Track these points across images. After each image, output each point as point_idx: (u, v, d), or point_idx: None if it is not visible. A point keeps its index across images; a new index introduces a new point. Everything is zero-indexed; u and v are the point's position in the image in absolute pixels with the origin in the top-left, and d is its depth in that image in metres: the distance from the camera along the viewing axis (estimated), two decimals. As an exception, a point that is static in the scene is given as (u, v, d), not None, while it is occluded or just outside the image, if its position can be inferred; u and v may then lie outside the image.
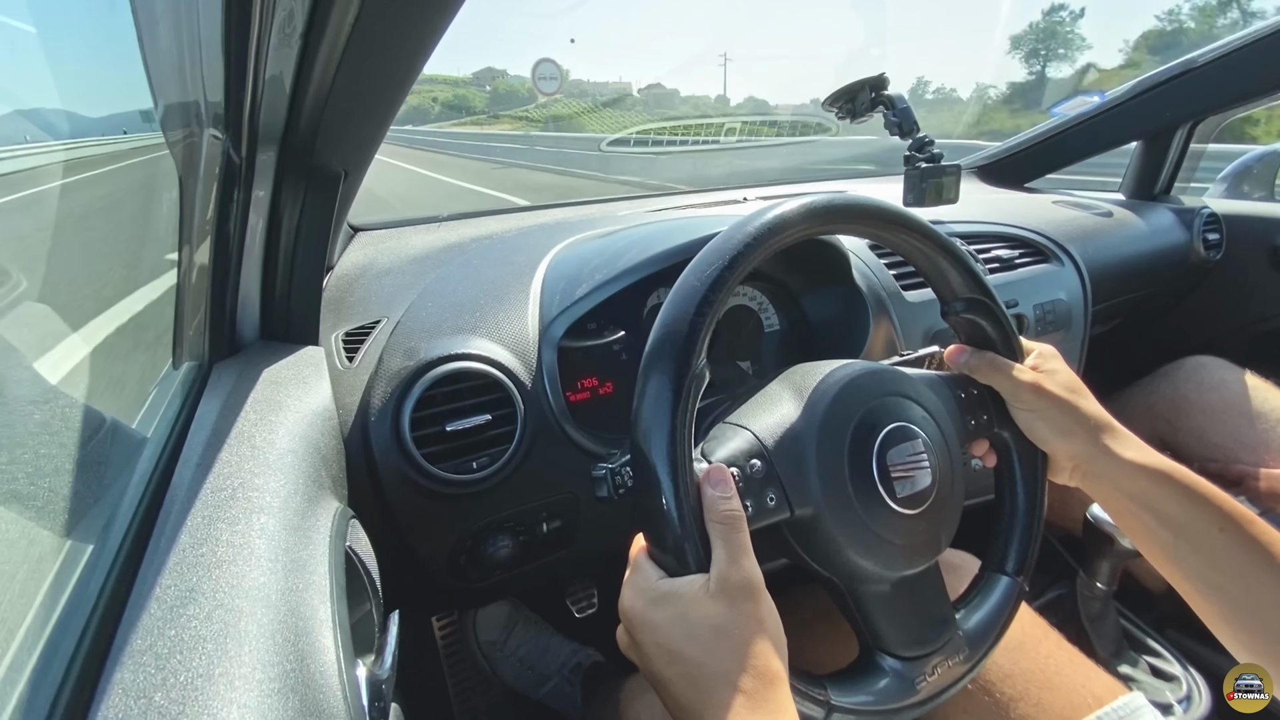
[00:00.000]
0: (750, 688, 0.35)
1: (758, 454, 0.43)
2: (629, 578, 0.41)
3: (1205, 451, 0.98)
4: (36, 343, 0.48)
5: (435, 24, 0.44)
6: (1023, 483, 0.53)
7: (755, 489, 0.42)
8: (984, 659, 0.48)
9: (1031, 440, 0.51)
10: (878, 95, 0.91)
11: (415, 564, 0.65)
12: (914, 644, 0.45)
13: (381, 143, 0.59)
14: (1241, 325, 1.32)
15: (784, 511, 0.43)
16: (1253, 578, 0.43)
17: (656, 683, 0.38)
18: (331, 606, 0.36)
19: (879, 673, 0.44)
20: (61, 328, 0.52)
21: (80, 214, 0.61)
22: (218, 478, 0.39)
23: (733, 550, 0.38)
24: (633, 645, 0.40)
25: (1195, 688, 0.79)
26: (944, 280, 0.52)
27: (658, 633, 0.37)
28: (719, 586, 0.37)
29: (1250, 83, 1.13)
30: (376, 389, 0.61)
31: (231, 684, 0.28)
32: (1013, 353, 0.52)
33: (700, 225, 0.74)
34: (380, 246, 0.86)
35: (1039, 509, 0.52)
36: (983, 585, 0.51)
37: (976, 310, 0.52)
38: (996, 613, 0.49)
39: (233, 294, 0.54)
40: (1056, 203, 1.26)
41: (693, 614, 0.37)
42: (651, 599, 0.38)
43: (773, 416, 0.46)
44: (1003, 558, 0.52)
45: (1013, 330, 0.53)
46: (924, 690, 0.44)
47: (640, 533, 0.41)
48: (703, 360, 0.40)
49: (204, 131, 0.48)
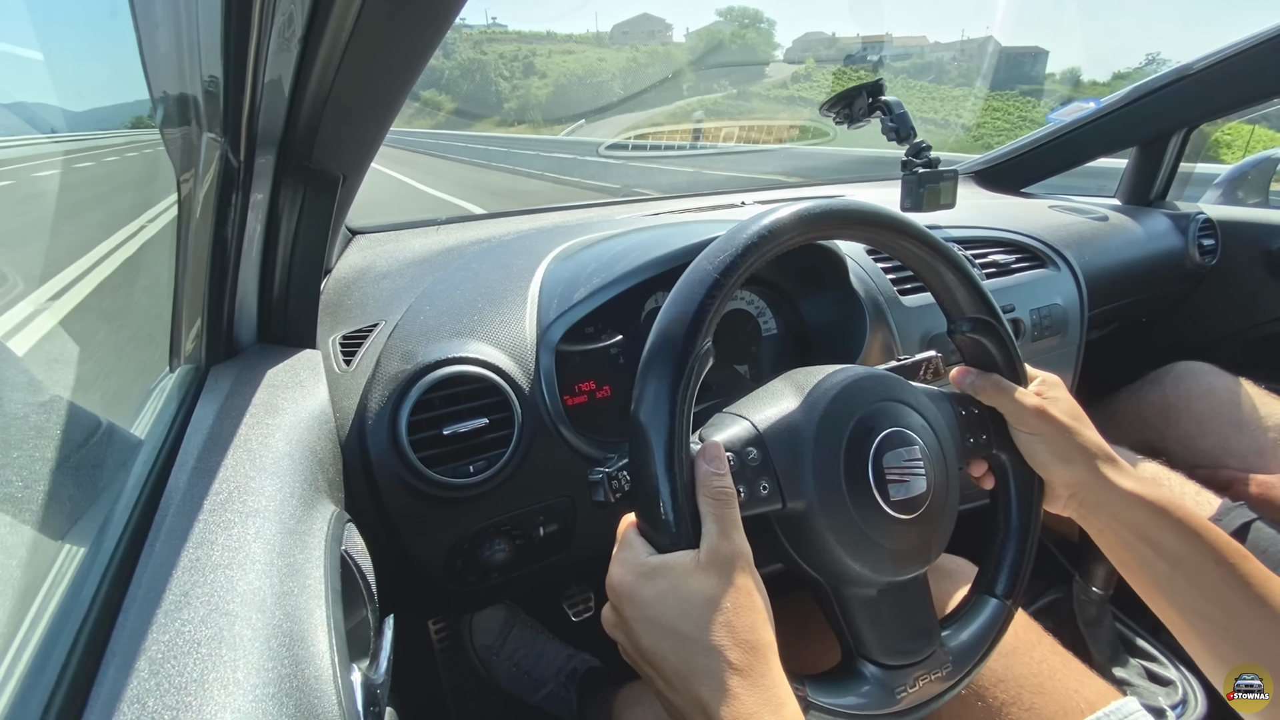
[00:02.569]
0: (741, 660, 0.35)
1: (754, 442, 0.43)
2: (617, 554, 0.40)
3: (1194, 458, 0.98)
4: (30, 343, 0.48)
5: (434, 28, 0.44)
6: (1018, 507, 0.52)
7: (749, 476, 0.42)
8: (968, 677, 0.47)
9: (1031, 465, 0.51)
10: (875, 100, 0.92)
11: (411, 568, 0.64)
12: (897, 653, 0.45)
13: (380, 146, 0.59)
14: (1237, 330, 1.33)
15: (776, 502, 0.43)
16: (1245, 612, 0.44)
17: (645, 659, 0.38)
18: (327, 611, 0.35)
19: (859, 679, 0.44)
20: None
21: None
22: (214, 481, 0.39)
23: (724, 525, 0.38)
24: (620, 623, 0.40)
25: (1191, 691, 0.79)
26: (951, 297, 0.52)
27: (648, 607, 0.37)
28: (709, 559, 0.37)
29: (1245, 89, 1.14)
30: (374, 392, 0.61)
31: (226, 688, 0.28)
32: (1016, 376, 0.52)
33: (698, 230, 0.74)
34: (378, 250, 0.87)
35: (1032, 534, 0.52)
36: (972, 606, 0.51)
37: (982, 331, 0.52)
38: (983, 634, 0.49)
39: (230, 297, 0.54)
40: (1053, 208, 1.26)
41: (683, 587, 0.37)
42: (641, 573, 0.38)
43: (772, 409, 0.46)
44: (993, 580, 0.52)
45: (1017, 353, 0.53)
46: (904, 701, 0.44)
47: (632, 510, 0.41)
48: (708, 342, 0.40)
49: (203, 134, 0.48)
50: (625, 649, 0.40)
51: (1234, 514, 0.81)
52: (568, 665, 1.00)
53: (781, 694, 0.35)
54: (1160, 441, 1.05)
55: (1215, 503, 0.83)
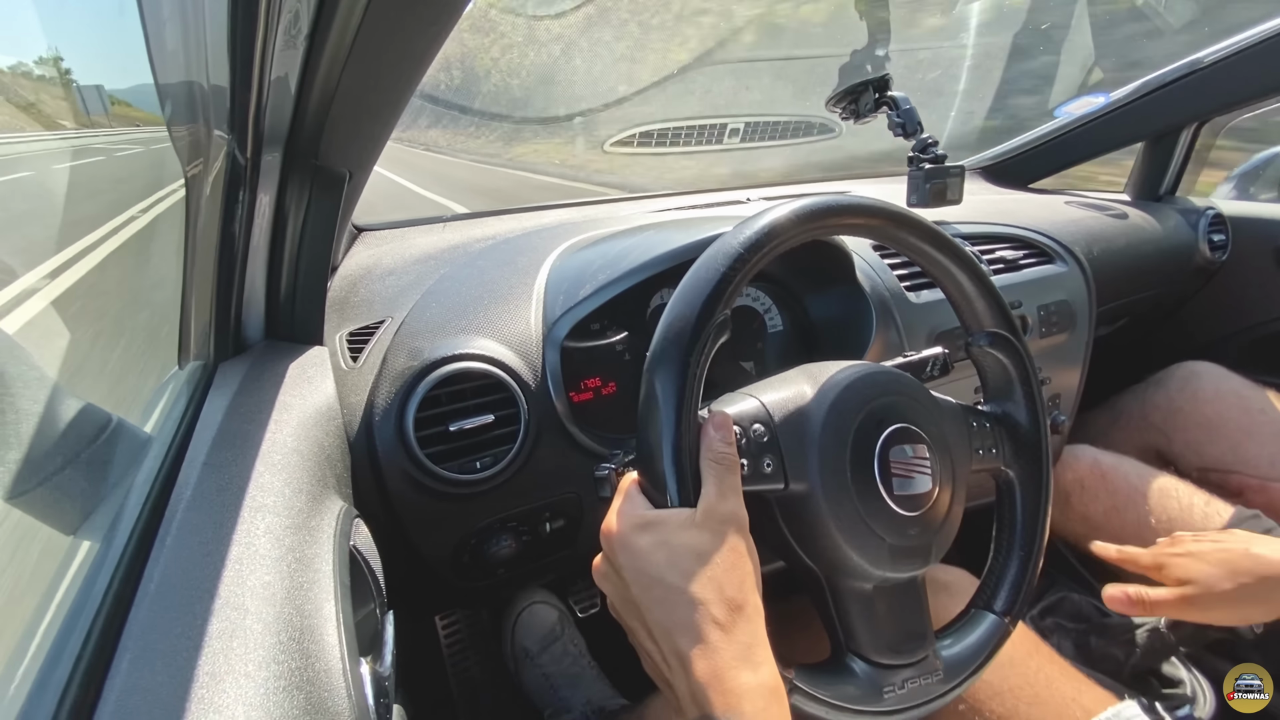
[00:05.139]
0: (724, 616, 0.35)
1: (762, 419, 0.44)
2: (617, 505, 0.41)
3: (1203, 464, 0.96)
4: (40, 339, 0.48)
5: (440, 25, 0.44)
6: (1023, 525, 0.52)
7: (754, 451, 0.43)
8: (960, 688, 0.47)
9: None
10: (881, 96, 0.91)
11: (418, 563, 0.65)
12: (886, 650, 0.44)
13: (386, 143, 0.59)
14: (1246, 326, 1.31)
15: (779, 481, 0.43)
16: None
17: (630, 610, 0.38)
18: (336, 605, 0.36)
19: (847, 672, 0.44)
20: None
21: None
22: (223, 477, 0.39)
23: (723, 488, 0.39)
24: (609, 573, 0.40)
25: (1200, 691, 0.78)
26: (970, 309, 0.52)
27: (638, 557, 0.38)
28: (704, 517, 0.38)
29: (1257, 83, 1.13)
30: (381, 389, 0.61)
31: (237, 682, 0.28)
32: (1031, 394, 0.52)
33: (704, 226, 0.74)
34: (385, 247, 0.87)
35: (1036, 553, 0.51)
36: (970, 619, 0.50)
37: (1001, 347, 0.52)
38: (979, 647, 0.48)
39: (238, 294, 0.54)
40: (1060, 203, 1.25)
41: (674, 540, 0.37)
42: (636, 524, 0.39)
43: (783, 392, 0.46)
44: (993, 596, 0.51)
45: (1034, 371, 0.52)
46: (890, 701, 0.43)
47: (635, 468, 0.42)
48: (726, 312, 0.41)
49: (210, 132, 0.48)
50: (612, 600, 0.41)
51: (1249, 523, 0.78)
52: (598, 701, 0.97)
53: (760, 654, 0.36)
54: (1167, 446, 1.02)
55: (1226, 512, 0.81)
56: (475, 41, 5.63)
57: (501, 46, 5.64)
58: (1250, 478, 0.90)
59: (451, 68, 5.13)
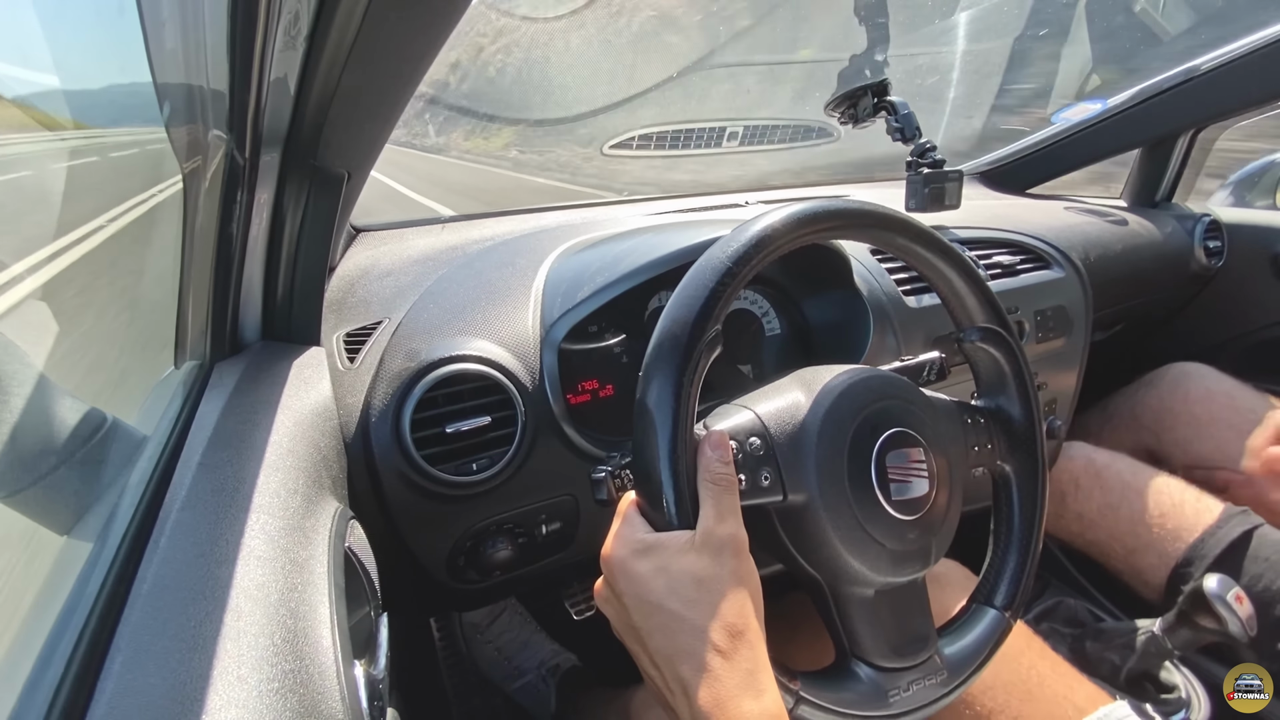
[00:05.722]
0: (725, 642, 0.35)
1: (758, 433, 0.44)
2: (616, 529, 0.41)
3: (1190, 462, 0.98)
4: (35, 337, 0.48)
5: (440, 26, 0.44)
6: (1020, 518, 0.52)
7: (751, 465, 0.42)
8: (963, 686, 0.47)
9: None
10: (880, 100, 0.92)
11: (414, 565, 0.65)
12: (891, 654, 0.44)
13: (385, 144, 0.59)
14: (1242, 333, 1.32)
15: (777, 493, 0.43)
16: None
17: (632, 635, 0.38)
18: (330, 607, 0.36)
19: (852, 678, 0.44)
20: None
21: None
22: (218, 477, 0.39)
23: (721, 510, 0.39)
24: (611, 598, 0.40)
25: (1195, 695, 0.78)
26: (960, 304, 0.52)
27: (638, 583, 0.38)
28: (704, 540, 0.38)
29: (1254, 90, 1.13)
30: (377, 390, 0.61)
31: (230, 684, 0.28)
32: (1024, 388, 0.52)
33: (702, 228, 0.74)
34: (382, 248, 0.87)
35: (1034, 547, 0.52)
36: (970, 615, 0.51)
37: (992, 341, 0.52)
38: (980, 644, 0.49)
39: (235, 294, 0.54)
40: (1058, 209, 1.26)
41: (675, 566, 0.37)
42: (635, 549, 0.38)
43: (777, 402, 0.46)
44: (993, 591, 0.51)
45: (1027, 365, 0.52)
46: (896, 704, 0.44)
47: (633, 489, 0.42)
48: (717, 328, 0.41)
49: (208, 132, 0.48)
50: (615, 624, 0.41)
51: (1236, 520, 0.80)
52: (551, 660, 0.99)
53: (763, 680, 0.35)
54: (1157, 445, 1.04)
55: (1216, 509, 0.82)
56: (475, 43, 5.64)
57: (502, 47, 5.64)
58: (1235, 473, 0.92)
59: (450, 69, 5.13)
